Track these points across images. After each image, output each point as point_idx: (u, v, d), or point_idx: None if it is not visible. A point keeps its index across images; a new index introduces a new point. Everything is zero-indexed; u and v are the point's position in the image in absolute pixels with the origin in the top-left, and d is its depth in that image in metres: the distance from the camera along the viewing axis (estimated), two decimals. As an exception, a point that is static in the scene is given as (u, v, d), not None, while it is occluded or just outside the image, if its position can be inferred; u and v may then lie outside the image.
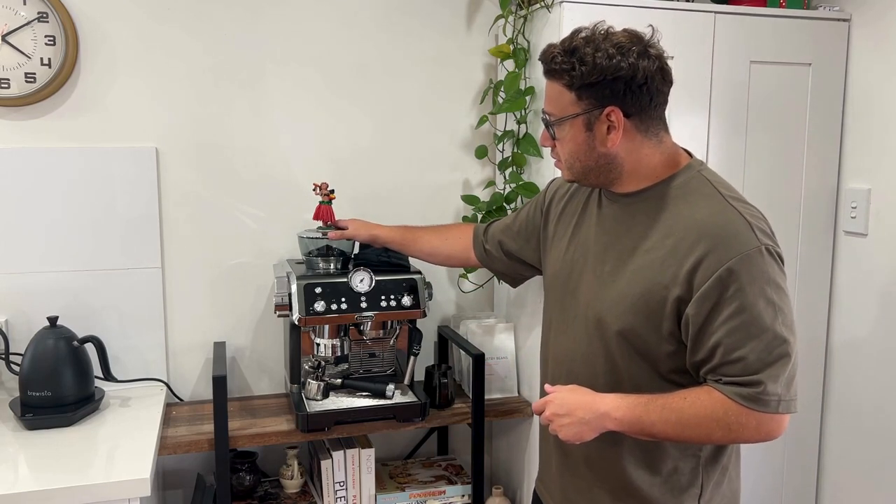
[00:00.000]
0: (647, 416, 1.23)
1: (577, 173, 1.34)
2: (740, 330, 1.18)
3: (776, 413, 1.19)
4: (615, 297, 1.29)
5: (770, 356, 1.18)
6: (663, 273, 1.24)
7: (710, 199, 1.26)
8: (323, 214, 1.93)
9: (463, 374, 2.15)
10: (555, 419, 1.29)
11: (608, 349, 1.31)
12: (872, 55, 2.00)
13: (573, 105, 1.26)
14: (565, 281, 1.42)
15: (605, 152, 1.28)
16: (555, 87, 1.29)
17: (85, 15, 1.90)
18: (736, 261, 1.18)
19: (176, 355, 2.06)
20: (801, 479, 2.18)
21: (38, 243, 1.91)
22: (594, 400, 1.27)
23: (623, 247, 1.32)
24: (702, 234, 1.21)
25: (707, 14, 1.91)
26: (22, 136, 1.89)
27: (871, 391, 2.02)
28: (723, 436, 1.22)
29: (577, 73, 1.23)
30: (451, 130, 2.21)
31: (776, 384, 1.18)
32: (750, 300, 1.18)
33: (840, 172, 2.11)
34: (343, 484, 1.93)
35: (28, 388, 1.74)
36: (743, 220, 1.22)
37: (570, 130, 1.29)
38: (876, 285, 2.00)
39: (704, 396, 1.21)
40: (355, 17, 2.09)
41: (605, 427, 1.26)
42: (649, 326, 1.26)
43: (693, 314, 1.21)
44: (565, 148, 1.32)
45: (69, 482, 1.46)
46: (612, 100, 1.24)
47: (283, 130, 2.08)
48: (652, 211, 1.30)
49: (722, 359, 1.20)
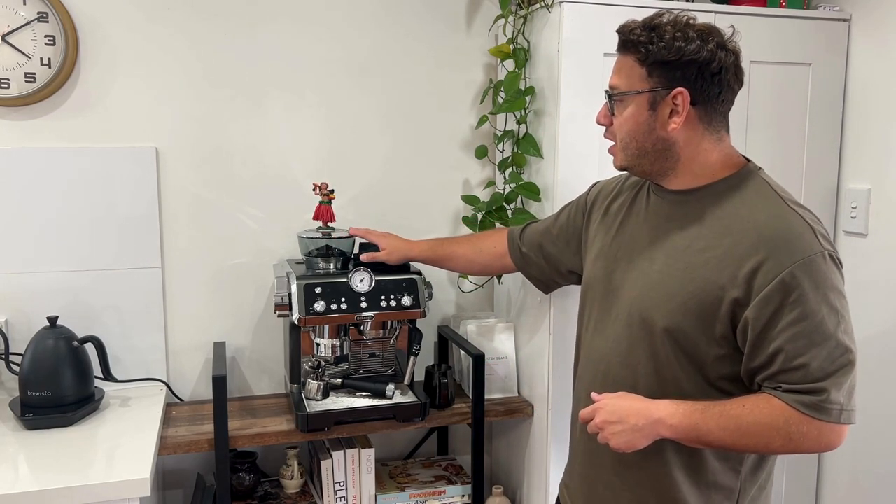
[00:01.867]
0: (705, 423, 1.18)
1: (630, 157, 1.30)
2: (803, 336, 1.14)
3: (838, 423, 1.15)
4: (664, 295, 1.26)
5: (832, 365, 1.14)
6: (720, 273, 1.20)
7: (770, 201, 1.23)
8: (323, 214, 1.93)
9: (463, 374, 2.15)
10: (606, 427, 1.24)
11: (653, 350, 1.27)
12: (872, 55, 2.00)
13: (642, 81, 1.24)
14: (607, 279, 1.38)
15: (663, 136, 1.25)
16: (626, 60, 1.26)
17: (85, 15, 1.90)
18: (799, 265, 1.15)
19: (176, 355, 2.06)
20: (802, 479, 2.18)
21: (38, 243, 1.91)
22: (647, 406, 1.22)
23: (674, 245, 1.28)
24: (762, 237, 1.18)
25: (707, 14, 1.91)
26: (22, 136, 1.89)
27: (872, 391, 2.02)
28: (782, 444, 1.17)
29: (654, 48, 1.22)
30: (451, 130, 2.21)
31: (839, 393, 1.14)
32: (813, 307, 1.14)
33: (840, 172, 2.10)
34: (343, 484, 1.93)
35: (28, 388, 1.74)
36: (805, 224, 1.19)
37: (633, 108, 1.26)
38: (876, 285, 2.00)
39: (764, 404, 1.17)
40: (356, 17, 2.09)
41: (659, 434, 1.21)
42: (700, 327, 1.22)
43: (753, 318, 1.17)
44: (624, 127, 1.28)
45: (69, 482, 1.46)
46: (681, 82, 1.22)
47: (283, 130, 2.08)
48: (707, 210, 1.26)
49: (783, 366, 1.16)
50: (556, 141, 1.86)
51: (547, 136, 1.92)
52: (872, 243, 2.02)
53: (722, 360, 1.23)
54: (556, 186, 1.88)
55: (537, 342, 1.99)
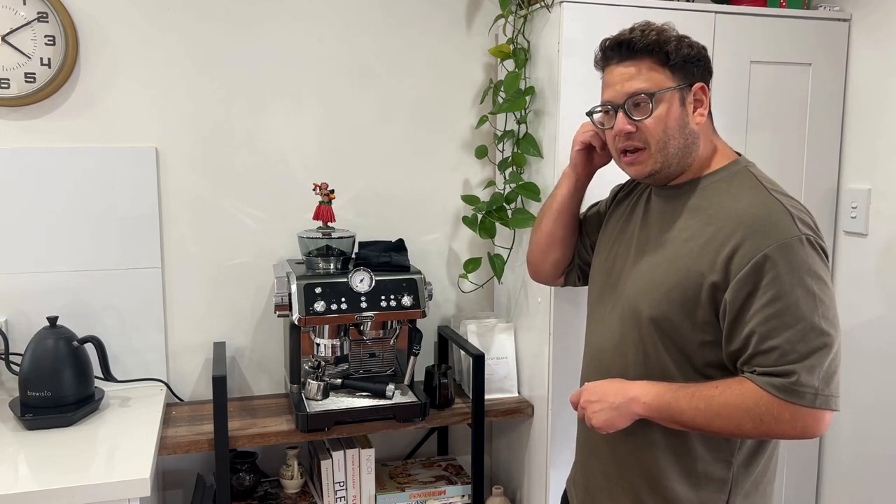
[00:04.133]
0: (677, 402, 1.22)
1: (667, 157, 1.29)
2: (775, 318, 1.15)
3: (812, 407, 1.15)
4: (651, 285, 1.29)
5: (806, 347, 1.15)
6: (700, 261, 1.23)
7: (753, 190, 1.26)
8: (323, 214, 1.94)
9: (463, 374, 2.15)
10: (588, 406, 1.30)
11: (641, 339, 1.30)
12: (872, 55, 2.00)
13: (669, 80, 1.27)
14: (607, 274, 1.42)
15: (694, 130, 1.29)
16: (644, 64, 1.27)
17: (85, 15, 1.90)
18: (774, 248, 1.16)
19: (176, 355, 2.06)
20: (802, 478, 2.18)
21: (38, 243, 1.91)
22: (624, 385, 1.28)
23: (663, 237, 1.32)
24: (741, 222, 1.21)
25: (707, 14, 1.91)
26: (22, 136, 1.89)
27: (871, 390, 2.02)
28: (753, 427, 1.18)
29: (674, 47, 1.26)
30: (451, 130, 2.21)
31: (811, 376, 1.14)
32: (787, 289, 1.15)
33: (840, 172, 2.10)
34: (343, 484, 1.93)
35: (28, 388, 1.74)
36: (784, 209, 1.21)
37: (667, 106, 1.27)
38: (876, 285, 2.00)
39: (736, 386, 1.19)
40: (356, 17, 2.09)
41: (634, 412, 1.26)
42: (683, 314, 1.25)
43: (730, 301, 1.19)
44: (660, 126, 1.27)
45: (69, 482, 1.46)
46: (700, 77, 1.30)
47: (284, 130, 2.08)
48: (695, 202, 1.30)
49: (756, 348, 1.17)
50: (556, 141, 1.86)
51: (547, 136, 1.92)
52: (872, 243, 2.02)
53: (707, 346, 1.25)
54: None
55: (537, 342, 1.99)
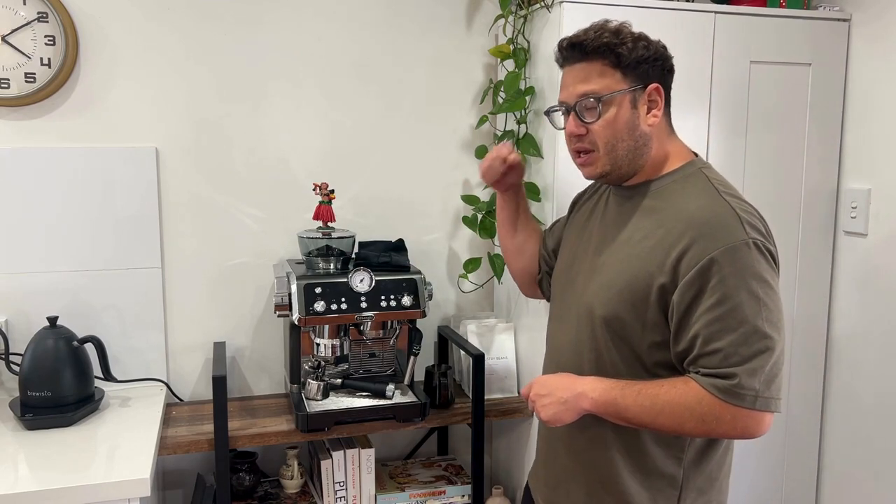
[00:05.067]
0: (623, 399, 1.24)
1: (615, 159, 1.30)
2: (719, 321, 1.17)
3: (752, 409, 1.17)
4: (603, 285, 1.31)
5: (749, 350, 1.17)
6: (650, 261, 1.25)
7: (704, 192, 1.27)
8: (323, 214, 1.94)
9: (463, 374, 2.15)
10: (537, 399, 1.32)
11: (594, 338, 1.32)
12: (872, 55, 2.00)
13: (620, 82, 1.27)
14: (567, 273, 1.45)
15: (645, 132, 1.30)
16: (595, 66, 1.28)
17: (85, 15, 1.90)
18: (721, 252, 1.18)
19: (176, 355, 2.06)
20: (802, 478, 2.18)
21: (38, 243, 1.91)
22: (573, 381, 1.30)
23: (617, 237, 1.34)
24: (690, 224, 1.22)
25: (707, 14, 1.91)
26: (22, 136, 1.89)
27: (871, 391, 2.02)
28: (695, 426, 1.21)
29: (626, 49, 1.25)
30: (451, 130, 2.21)
31: (752, 379, 1.17)
32: (731, 292, 1.17)
33: (840, 172, 2.10)
34: (343, 484, 1.93)
35: (28, 388, 1.74)
36: (733, 212, 1.22)
37: (616, 109, 1.28)
38: (876, 285, 2.00)
39: (681, 385, 1.21)
40: (356, 17, 2.09)
41: (582, 407, 1.28)
42: (633, 314, 1.27)
43: (677, 302, 1.22)
44: (608, 129, 1.28)
45: (69, 482, 1.46)
46: (654, 78, 1.29)
47: (283, 130, 2.08)
48: (649, 203, 1.32)
49: (700, 350, 1.20)
50: (556, 141, 1.86)
51: (547, 136, 1.92)
52: (872, 243, 2.01)
53: (656, 347, 1.27)
54: (556, 186, 1.88)
55: (537, 342, 1.99)
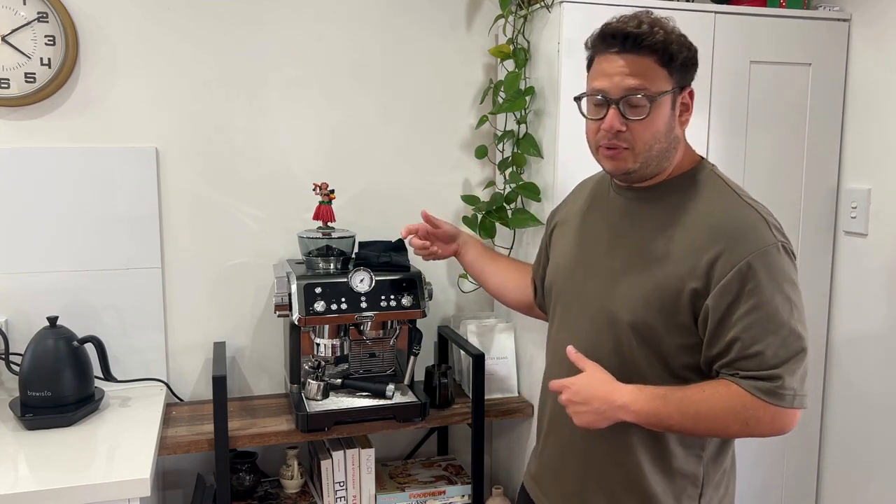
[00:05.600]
0: (666, 408, 1.22)
1: (649, 159, 1.27)
2: (758, 325, 1.19)
3: (791, 408, 1.20)
4: (627, 291, 1.29)
5: (787, 351, 1.19)
6: (679, 266, 1.24)
7: (725, 196, 1.28)
8: (323, 214, 1.93)
9: (463, 374, 2.15)
10: (570, 405, 1.29)
11: (617, 343, 1.30)
12: (872, 55, 2.00)
13: (667, 82, 1.25)
14: (570, 275, 1.42)
15: (678, 135, 1.29)
16: (646, 61, 1.23)
17: (85, 15, 1.90)
18: (755, 256, 1.19)
19: (176, 355, 2.06)
20: (802, 478, 2.18)
21: (38, 243, 1.91)
22: (612, 391, 1.25)
23: (634, 241, 1.32)
24: (719, 230, 1.22)
25: (707, 14, 1.91)
26: (22, 136, 1.89)
27: (871, 391, 2.02)
28: (739, 429, 1.22)
29: (676, 49, 1.24)
30: (451, 130, 2.21)
31: (792, 378, 1.19)
32: (768, 296, 1.19)
33: (840, 172, 2.10)
34: (343, 484, 1.93)
35: (28, 388, 1.74)
36: (759, 217, 1.24)
37: (661, 108, 1.25)
38: (876, 285, 2.00)
39: (723, 390, 1.21)
40: (356, 17, 2.09)
41: (620, 419, 1.25)
42: (661, 319, 1.26)
43: (712, 307, 1.21)
44: (650, 128, 1.24)
45: (69, 482, 1.46)
46: (691, 81, 1.29)
47: (283, 130, 2.08)
48: (663, 206, 1.30)
49: (739, 353, 1.20)
50: (556, 141, 1.86)
51: (547, 136, 1.92)
52: (872, 243, 2.01)
53: (684, 349, 1.27)
54: (556, 186, 1.88)
55: (537, 342, 1.99)
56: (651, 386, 1.25)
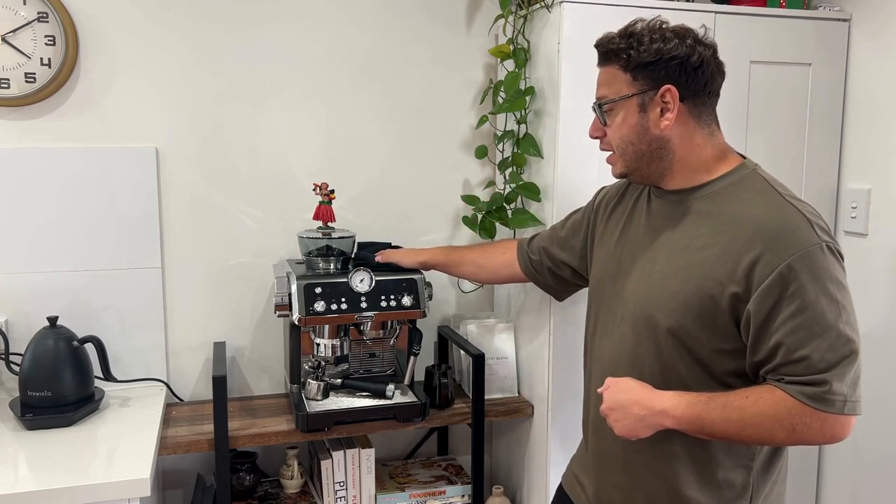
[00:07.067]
0: (708, 414, 1.19)
1: (629, 162, 1.32)
2: (803, 329, 1.15)
3: (842, 414, 1.15)
4: (666, 295, 1.26)
5: (834, 355, 1.14)
6: (718, 270, 1.21)
7: (767, 196, 1.24)
8: (323, 214, 1.93)
9: (463, 374, 2.15)
10: (610, 414, 1.27)
11: (658, 349, 1.28)
12: (872, 55, 2.00)
13: (628, 86, 1.27)
14: (612, 282, 1.40)
15: (658, 135, 1.28)
16: (609, 70, 1.30)
17: (85, 15, 1.90)
18: (796, 258, 1.15)
19: (176, 355, 2.06)
20: (802, 476, 2.18)
21: (38, 243, 1.91)
22: (652, 397, 1.24)
23: (674, 245, 1.30)
24: (759, 231, 1.19)
25: (707, 14, 1.91)
26: (22, 136, 1.89)
27: (873, 391, 2.01)
28: (786, 437, 1.18)
29: (634, 52, 1.25)
30: (451, 130, 2.21)
31: (841, 383, 1.14)
32: (812, 298, 1.14)
33: (840, 172, 2.10)
34: (343, 484, 1.93)
35: (28, 388, 1.74)
36: (802, 216, 1.20)
37: (624, 113, 1.28)
38: (876, 285, 2.00)
39: (767, 395, 1.17)
40: (356, 17, 2.09)
41: (662, 425, 1.23)
42: (702, 324, 1.23)
43: (754, 312, 1.18)
44: (617, 133, 1.31)
45: (69, 482, 1.46)
46: (667, 80, 1.25)
47: (284, 130, 2.08)
48: (704, 208, 1.28)
49: (784, 358, 1.16)
50: (556, 141, 1.86)
51: (547, 136, 1.92)
52: (872, 243, 2.02)
53: (725, 355, 1.24)
54: (556, 186, 1.88)
55: (537, 342, 1.99)
56: (692, 392, 1.22)
